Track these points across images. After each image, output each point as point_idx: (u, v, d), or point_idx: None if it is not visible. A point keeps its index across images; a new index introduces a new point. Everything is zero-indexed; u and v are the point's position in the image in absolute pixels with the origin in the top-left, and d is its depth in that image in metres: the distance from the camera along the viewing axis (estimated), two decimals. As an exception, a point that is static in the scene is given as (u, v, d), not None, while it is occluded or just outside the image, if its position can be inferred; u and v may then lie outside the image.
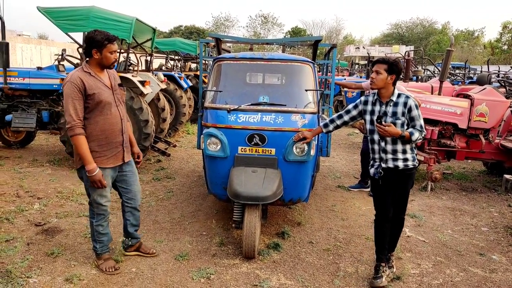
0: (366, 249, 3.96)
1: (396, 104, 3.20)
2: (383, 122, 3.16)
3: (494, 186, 6.32)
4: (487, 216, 5.08)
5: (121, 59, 6.76)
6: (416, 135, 3.14)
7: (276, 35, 52.94)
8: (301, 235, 4.21)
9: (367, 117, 3.33)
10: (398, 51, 30.66)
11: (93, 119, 3.07)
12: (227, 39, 5.33)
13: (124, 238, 3.62)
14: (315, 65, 4.34)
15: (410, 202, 5.39)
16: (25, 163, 6.49)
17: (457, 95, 6.86)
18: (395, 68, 3.15)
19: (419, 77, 11.15)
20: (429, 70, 14.35)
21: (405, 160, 3.24)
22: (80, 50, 6.25)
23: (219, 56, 4.44)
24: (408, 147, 3.24)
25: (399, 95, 3.22)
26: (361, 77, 14.91)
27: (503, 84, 7.73)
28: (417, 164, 3.31)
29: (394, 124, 3.17)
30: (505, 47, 42.63)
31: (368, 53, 15.01)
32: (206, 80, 6.84)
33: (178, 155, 7.67)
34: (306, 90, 3.97)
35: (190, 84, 9.91)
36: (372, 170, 3.37)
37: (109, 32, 5.77)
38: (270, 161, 3.78)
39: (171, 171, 6.51)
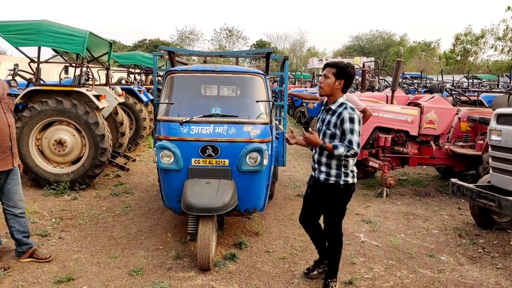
0: (321, 255, 4.03)
1: (333, 113, 3.03)
2: (309, 129, 3.11)
3: (446, 190, 6.61)
4: (438, 219, 5.31)
5: (77, 72, 6.64)
6: (340, 150, 2.91)
7: (241, 48, 53.33)
8: (258, 244, 4.24)
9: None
10: (359, 62, 31.66)
11: None
12: (179, 52, 5.36)
13: (16, 246, 3.69)
14: (267, 77, 4.44)
15: (366, 208, 5.58)
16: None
17: (409, 104, 7.20)
18: (345, 73, 2.97)
19: (376, 87, 11.56)
20: (386, 81, 14.90)
21: (327, 174, 3.08)
22: (32, 64, 6.10)
23: (171, 68, 4.47)
24: (333, 162, 3.05)
25: (341, 105, 3.03)
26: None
27: (450, 92, 8.16)
28: (342, 183, 3.07)
29: (325, 133, 3.06)
30: (458, 57, 44.91)
31: (328, 64, 15.35)
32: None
33: (138, 169, 7.56)
34: (257, 101, 4.05)
35: (151, 97, 9.81)
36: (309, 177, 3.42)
37: (62, 46, 5.72)
38: (224, 172, 3.81)
39: (130, 186, 6.40)
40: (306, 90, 13.17)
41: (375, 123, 6.26)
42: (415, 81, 16.94)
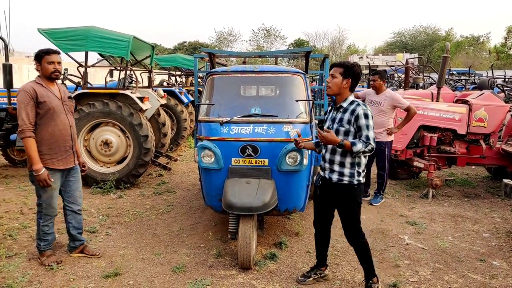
0: (364, 257, 3.94)
1: (345, 111, 3.03)
2: (325, 128, 3.04)
3: (497, 192, 6.26)
4: (489, 222, 5.03)
5: (121, 76, 6.90)
6: (359, 146, 2.88)
7: (279, 48, 53.22)
8: (298, 245, 4.21)
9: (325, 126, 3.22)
10: (402, 59, 30.65)
11: (44, 125, 3.44)
12: (219, 54, 5.42)
13: (69, 241, 3.90)
14: (307, 76, 4.40)
15: (410, 210, 5.39)
16: (29, 181, 6.57)
17: (456, 101, 6.88)
18: (352, 72, 3.00)
19: (420, 84, 11.15)
20: (431, 78, 14.33)
21: (341, 174, 3.04)
22: (80, 69, 6.40)
23: (212, 70, 4.53)
24: (348, 161, 3.02)
25: (351, 102, 3.04)
26: (362, 86, 14.94)
27: (502, 89, 7.71)
28: (356, 183, 3.04)
29: (338, 131, 3.02)
30: (511, 51, 42.35)
31: (368, 62, 15.05)
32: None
33: (180, 169, 7.74)
34: (297, 101, 4.01)
35: (191, 98, 10.04)
36: (315, 177, 3.35)
37: (107, 50, 5.95)
38: (264, 171, 3.81)
39: (172, 185, 6.57)
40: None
41: (420, 122, 6.05)
42: (462, 77, 16.20)
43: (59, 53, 3.56)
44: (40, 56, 3.44)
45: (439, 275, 3.62)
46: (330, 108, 3.25)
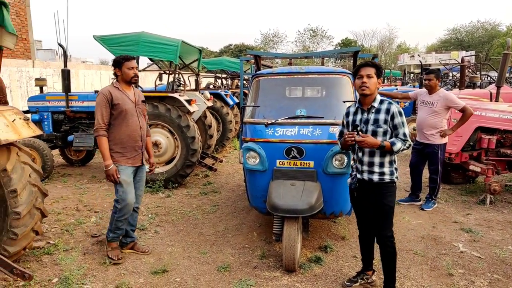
0: (414, 264, 3.78)
1: (378, 111, 2.99)
2: (360, 133, 2.94)
3: None
4: (555, 231, 4.64)
5: (170, 79, 7.12)
6: (399, 145, 2.89)
7: (326, 48, 52.46)
8: (344, 249, 4.12)
9: (350, 129, 3.13)
10: (457, 57, 29.13)
11: (117, 125, 3.67)
12: (265, 56, 5.42)
13: (121, 237, 4.02)
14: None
15: (465, 216, 5.11)
16: (85, 180, 6.99)
17: (518, 101, 6.43)
18: (381, 72, 3.04)
19: (477, 83, 10.54)
20: (490, 76, 13.49)
21: (381, 174, 3.01)
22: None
23: (257, 72, 4.55)
24: (387, 160, 3.00)
25: (381, 101, 3.01)
26: (414, 86, 14.37)
27: None
28: (396, 180, 3.05)
29: (375, 132, 2.97)
30: None
31: (420, 61, 14.44)
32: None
33: (225, 170, 7.85)
34: (344, 102, 3.93)
35: (237, 101, 10.15)
36: (349, 180, 3.25)
37: (157, 55, 6.16)
38: (309, 173, 3.76)
39: (218, 185, 6.67)
40: (397, 89, 12.51)
41: (477, 123, 5.70)
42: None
43: (135, 58, 3.77)
44: (120, 63, 3.67)
45: (497, 286, 3.38)
46: (354, 110, 3.15)
